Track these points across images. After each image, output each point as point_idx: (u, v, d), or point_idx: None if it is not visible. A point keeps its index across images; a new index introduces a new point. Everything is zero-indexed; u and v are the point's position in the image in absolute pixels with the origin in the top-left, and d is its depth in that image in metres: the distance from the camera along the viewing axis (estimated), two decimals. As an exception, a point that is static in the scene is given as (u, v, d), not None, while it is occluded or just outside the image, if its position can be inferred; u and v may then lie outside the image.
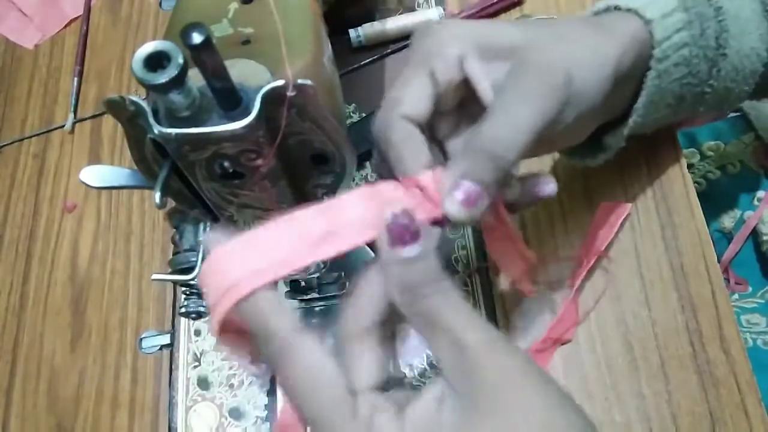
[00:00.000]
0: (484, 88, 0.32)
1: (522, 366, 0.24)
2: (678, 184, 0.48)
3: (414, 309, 0.26)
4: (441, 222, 0.29)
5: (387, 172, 0.32)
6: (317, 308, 0.48)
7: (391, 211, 0.25)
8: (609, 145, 0.41)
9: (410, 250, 0.25)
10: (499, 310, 0.47)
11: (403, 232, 0.25)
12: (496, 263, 0.41)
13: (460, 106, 0.34)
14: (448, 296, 0.25)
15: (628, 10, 0.37)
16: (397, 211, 0.25)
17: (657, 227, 0.47)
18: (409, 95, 0.32)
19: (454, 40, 0.32)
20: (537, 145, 0.31)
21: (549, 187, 0.34)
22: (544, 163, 0.49)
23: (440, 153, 0.35)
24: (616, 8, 0.37)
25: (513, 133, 0.29)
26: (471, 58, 0.32)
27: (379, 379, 0.26)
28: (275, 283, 0.26)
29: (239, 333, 0.28)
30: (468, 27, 0.33)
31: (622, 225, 0.47)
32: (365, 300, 0.27)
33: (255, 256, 0.26)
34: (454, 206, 0.29)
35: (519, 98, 0.30)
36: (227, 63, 0.24)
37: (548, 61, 0.31)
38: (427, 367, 0.46)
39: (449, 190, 0.29)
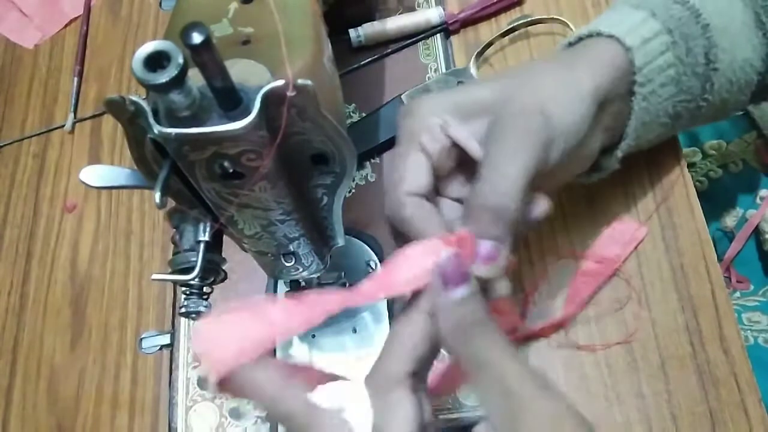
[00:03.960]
0: (471, 146, 0.33)
1: (565, 413, 0.25)
2: (678, 184, 0.48)
3: (464, 350, 0.27)
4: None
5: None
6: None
7: (446, 255, 0.28)
8: (605, 166, 0.41)
9: (461, 291, 0.28)
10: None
11: (455, 274, 0.28)
12: None
13: (462, 165, 0.35)
14: (495, 338, 0.27)
15: (609, 36, 0.37)
16: (449, 255, 0.28)
17: (657, 227, 0.47)
18: (407, 172, 0.33)
19: (432, 112, 0.34)
20: (541, 184, 0.32)
21: (541, 207, 0.34)
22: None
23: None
24: (598, 34, 0.38)
25: (506, 185, 0.31)
26: (452, 123, 0.34)
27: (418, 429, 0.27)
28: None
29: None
30: (442, 97, 0.35)
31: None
32: (407, 345, 0.28)
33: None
34: (480, 268, 0.30)
35: (503, 151, 0.32)
36: (227, 63, 0.24)
37: (521, 109, 0.33)
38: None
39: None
